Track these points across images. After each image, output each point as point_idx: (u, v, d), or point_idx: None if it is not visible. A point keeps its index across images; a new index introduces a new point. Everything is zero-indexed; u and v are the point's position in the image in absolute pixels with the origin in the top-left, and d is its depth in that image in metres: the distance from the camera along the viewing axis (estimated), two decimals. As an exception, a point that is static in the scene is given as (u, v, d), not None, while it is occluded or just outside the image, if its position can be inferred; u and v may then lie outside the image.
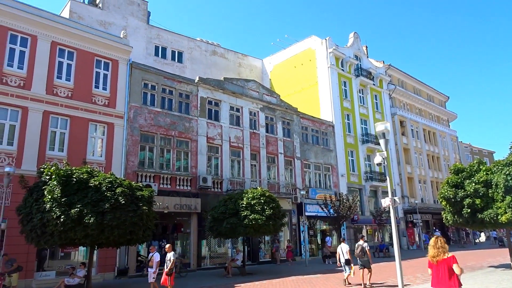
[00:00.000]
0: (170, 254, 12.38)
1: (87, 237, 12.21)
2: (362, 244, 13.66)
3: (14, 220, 13.57)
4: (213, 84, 24.06)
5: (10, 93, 16.00)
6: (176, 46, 30.68)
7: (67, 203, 11.99)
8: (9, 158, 15.50)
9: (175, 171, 20.79)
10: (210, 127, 23.16)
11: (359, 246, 13.67)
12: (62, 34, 17.92)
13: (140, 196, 13.39)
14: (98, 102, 18.61)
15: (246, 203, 17.54)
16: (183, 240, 21.27)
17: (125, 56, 20.05)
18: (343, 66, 35.12)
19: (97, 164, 17.51)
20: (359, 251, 13.47)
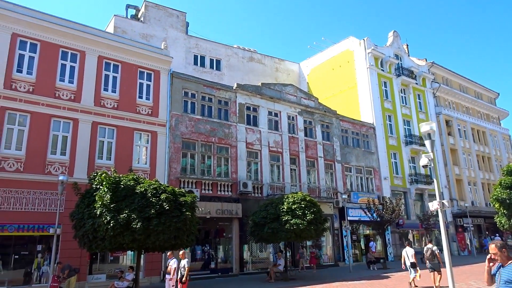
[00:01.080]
0: (184, 261, 12.04)
1: (134, 242, 12.70)
2: (432, 247, 13.59)
3: (68, 225, 14.38)
4: (251, 90, 24.30)
5: (62, 106, 17.07)
6: (214, 54, 31.34)
7: (116, 209, 12.56)
8: (62, 167, 16.49)
9: (216, 177, 21.16)
10: (249, 133, 23.37)
11: (428, 250, 13.59)
12: (108, 48, 18.89)
13: (183, 201, 13.74)
14: (142, 112, 19.39)
15: (287, 208, 17.49)
16: (225, 245, 21.53)
17: (166, 66, 20.76)
18: (383, 66, 34.23)
19: (142, 171, 18.19)
20: (429, 254, 13.39)
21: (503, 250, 4.49)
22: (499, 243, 4.55)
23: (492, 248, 4.54)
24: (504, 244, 4.56)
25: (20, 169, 15.53)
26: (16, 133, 15.89)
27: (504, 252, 4.47)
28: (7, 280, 14.83)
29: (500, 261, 4.49)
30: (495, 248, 4.50)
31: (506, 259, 4.47)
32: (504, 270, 4.42)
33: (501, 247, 4.50)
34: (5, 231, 14.83)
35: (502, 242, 4.64)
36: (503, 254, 4.47)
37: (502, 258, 4.47)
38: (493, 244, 4.57)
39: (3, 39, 16.22)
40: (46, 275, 15.15)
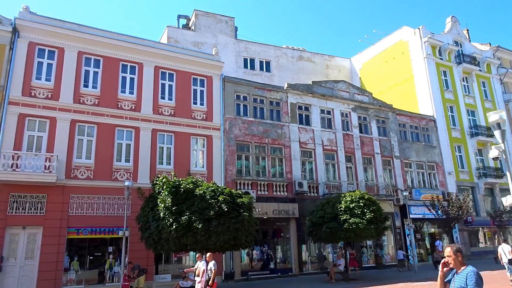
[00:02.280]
0: (211, 264, 11.75)
1: (197, 243, 13.20)
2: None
3: (135, 228, 15.30)
4: (302, 89, 24.14)
5: (124, 116, 18.17)
6: (263, 56, 31.58)
7: (177, 211, 13.15)
8: (127, 173, 17.56)
9: (271, 178, 21.28)
10: (302, 132, 23.22)
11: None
12: (163, 58, 19.80)
13: (240, 203, 14.02)
14: (197, 117, 20.06)
15: (345, 207, 17.13)
16: (283, 245, 21.56)
17: (218, 71, 21.31)
18: (441, 54, 32.29)
19: (200, 175, 18.80)
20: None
21: (457, 254, 4.21)
22: (455, 247, 4.27)
23: (447, 252, 4.27)
24: (459, 248, 4.28)
25: (91, 176, 16.78)
26: (85, 143, 17.20)
27: (458, 256, 4.20)
28: (84, 279, 16.08)
29: (454, 266, 4.23)
30: (450, 251, 4.24)
31: (460, 264, 4.20)
32: (457, 276, 4.15)
33: (456, 251, 4.22)
34: (80, 234, 16.10)
35: (458, 246, 4.31)
36: (457, 259, 4.20)
37: (456, 263, 4.21)
38: (449, 247, 4.29)
39: (71, 57, 17.64)
40: (117, 275, 16.21)
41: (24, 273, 14.85)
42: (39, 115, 16.42)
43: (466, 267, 4.15)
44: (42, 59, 17.19)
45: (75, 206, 16.22)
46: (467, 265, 4.19)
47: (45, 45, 17.30)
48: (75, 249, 16.31)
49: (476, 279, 4.00)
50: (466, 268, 4.14)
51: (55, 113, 16.68)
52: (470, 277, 4.02)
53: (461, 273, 4.16)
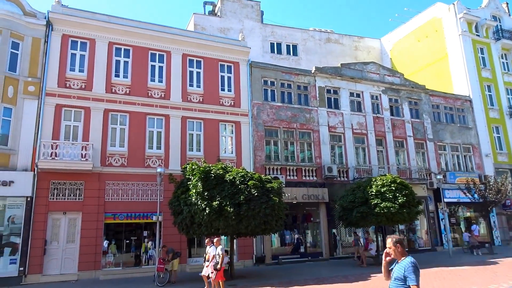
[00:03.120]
0: (219, 248, 11.71)
1: (228, 227, 13.44)
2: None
3: (167, 213, 15.76)
4: (330, 72, 23.69)
5: (155, 104, 18.55)
6: (290, 40, 31.13)
7: (208, 197, 13.42)
8: (159, 160, 18.01)
9: (300, 163, 21.23)
10: (331, 116, 22.90)
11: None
12: (190, 46, 19.93)
13: (270, 188, 14.11)
14: (225, 104, 20.18)
15: (376, 191, 16.88)
16: (313, 229, 21.59)
17: (245, 57, 21.24)
18: (478, 30, 30.65)
19: (229, 160, 19.01)
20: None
21: (397, 245, 4.34)
22: (395, 238, 4.39)
23: (388, 243, 4.40)
24: (399, 239, 4.40)
25: (125, 163, 17.34)
26: (118, 131, 17.73)
27: (398, 247, 4.34)
28: (121, 261, 16.81)
29: (395, 256, 4.37)
30: (391, 242, 4.36)
31: (400, 255, 4.34)
32: (397, 266, 4.31)
33: (396, 242, 4.34)
34: (116, 219, 16.77)
35: (398, 237, 4.45)
36: (397, 249, 4.34)
37: (396, 253, 4.35)
38: (389, 238, 4.42)
39: (102, 48, 18.09)
40: (153, 258, 16.84)
41: (66, 256, 15.70)
42: (74, 105, 17.05)
43: (405, 258, 4.28)
44: (75, 50, 17.73)
45: (111, 193, 16.86)
46: (407, 255, 4.33)
47: (77, 37, 17.81)
48: (112, 233, 17.03)
49: (414, 270, 4.14)
50: (405, 258, 4.27)
51: (89, 103, 17.26)
52: (408, 267, 4.16)
53: (400, 263, 4.30)
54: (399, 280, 4.22)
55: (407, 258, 4.28)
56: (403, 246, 4.40)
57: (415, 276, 4.11)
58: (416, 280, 4.11)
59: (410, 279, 4.11)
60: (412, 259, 4.25)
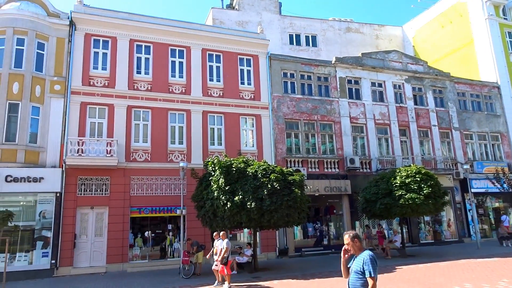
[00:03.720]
0: (224, 242, 11.92)
1: (251, 221, 13.53)
2: None
3: (191, 206, 16.00)
4: (351, 62, 23.32)
5: (176, 99, 18.77)
6: (309, 30, 30.76)
7: (230, 191, 13.52)
8: (181, 154, 18.25)
9: (321, 155, 21.08)
10: (352, 107, 22.58)
11: None
12: (209, 40, 20.01)
13: (292, 181, 14.08)
14: (245, 97, 20.21)
15: (400, 182, 16.60)
16: (336, 222, 21.47)
17: (264, 50, 21.16)
18: (506, 14, 29.41)
19: (250, 154, 19.07)
20: None
21: (355, 240, 4.37)
22: (352, 233, 4.42)
23: (345, 239, 4.42)
24: (356, 234, 4.44)
25: (148, 159, 17.67)
26: (141, 127, 18.06)
27: (356, 242, 4.36)
28: (147, 254, 17.23)
29: (353, 251, 4.39)
30: (348, 238, 4.39)
31: (358, 249, 4.36)
32: (356, 260, 4.34)
33: (354, 237, 4.38)
34: (142, 213, 17.16)
35: (355, 232, 4.49)
36: (355, 244, 4.36)
37: (355, 248, 4.37)
38: (346, 234, 4.45)
39: (124, 46, 18.39)
40: (177, 251, 17.17)
41: (95, 249, 16.21)
42: (99, 102, 17.44)
43: (363, 252, 4.31)
44: (98, 49, 18.10)
45: (136, 187, 17.24)
46: (364, 249, 4.37)
47: (100, 35, 18.15)
48: (137, 227, 17.45)
49: (372, 263, 4.17)
50: (363, 252, 4.30)
51: (112, 100, 17.63)
52: (366, 261, 4.19)
53: (359, 257, 4.33)
54: (358, 273, 4.26)
55: (365, 252, 4.32)
56: (360, 241, 4.45)
57: (372, 269, 4.15)
58: (374, 273, 4.14)
59: (368, 272, 4.15)
60: (370, 253, 4.29)
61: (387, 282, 11.35)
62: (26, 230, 15.49)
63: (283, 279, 12.56)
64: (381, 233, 19.58)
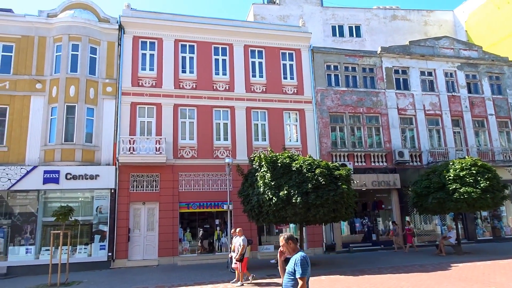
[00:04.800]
0: (240, 239, 11.74)
1: (296, 216, 13.48)
2: None
3: (237, 202, 16.23)
4: (398, 51, 22.40)
5: (220, 96, 19.07)
6: (352, 21, 29.90)
7: (276, 186, 13.55)
8: (226, 151, 18.55)
9: (368, 148, 20.52)
10: (400, 98, 21.72)
11: None
12: (251, 36, 20.09)
13: (338, 175, 13.84)
14: (288, 92, 20.10)
15: (454, 175, 15.77)
16: (385, 217, 20.83)
17: (306, 43, 20.89)
18: None
19: (295, 149, 18.97)
20: None
21: (289, 242, 4.40)
22: (287, 235, 4.46)
23: (280, 241, 4.45)
24: (291, 236, 4.47)
25: (195, 155, 18.13)
26: (188, 125, 18.56)
27: (290, 244, 4.40)
28: (196, 248, 17.73)
29: (287, 253, 4.44)
30: (282, 240, 4.43)
31: (292, 251, 4.40)
32: (289, 262, 4.36)
33: (288, 239, 4.41)
34: (190, 208, 17.68)
35: (289, 234, 4.51)
36: (289, 246, 4.40)
37: (289, 250, 4.41)
38: (281, 236, 4.48)
39: (169, 46, 18.96)
40: (225, 245, 17.52)
41: (147, 243, 16.95)
42: (147, 102, 18.15)
43: (297, 253, 4.36)
44: (145, 50, 18.80)
45: (184, 183, 17.78)
46: (298, 251, 4.41)
47: (146, 37, 18.85)
48: (186, 221, 18.00)
49: (302, 264, 4.20)
50: (296, 253, 4.35)
51: (160, 99, 18.26)
52: (297, 261, 4.24)
53: (291, 258, 4.37)
54: (290, 274, 4.30)
55: (298, 253, 4.36)
56: (294, 242, 4.46)
57: (302, 269, 4.17)
58: (303, 273, 4.16)
59: (297, 272, 4.18)
60: (303, 254, 4.33)
61: (442, 280, 10.86)
62: (85, 224, 16.53)
63: (331, 275, 12.41)
64: (410, 230, 18.78)
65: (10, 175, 15.80)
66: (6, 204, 16.11)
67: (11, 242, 15.67)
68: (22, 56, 17.22)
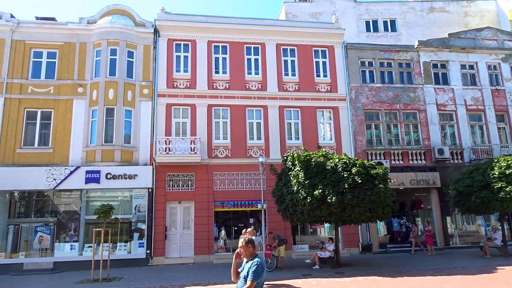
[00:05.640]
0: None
1: (331, 215, 13.30)
2: None
3: (271, 201, 16.23)
4: (436, 44, 21.54)
5: (252, 96, 19.14)
6: (387, 15, 29.05)
7: (310, 185, 13.42)
8: (260, 150, 18.59)
9: (405, 146, 19.88)
10: (439, 93, 20.88)
11: None
12: (283, 35, 20.02)
13: (374, 174, 13.50)
14: (321, 90, 19.85)
15: (499, 173, 14.99)
16: (424, 217, 20.10)
17: (339, 39, 20.54)
18: None
19: (329, 147, 18.70)
20: None
21: (248, 245, 4.34)
22: (247, 239, 4.39)
23: (239, 243, 4.39)
24: (251, 239, 4.40)
25: (229, 155, 18.31)
26: (221, 125, 18.77)
27: (249, 247, 4.34)
28: (232, 247, 17.89)
29: (245, 256, 4.36)
30: (242, 242, 4.36)
31: (249, 255, 4.33)
32: (245, 266, 4.31)
33: (248, 242, 4.35)
34: (224, 207, 17.87)
35: (250, 237, 4.45)
36: (248, 249, 4.33)
37: (246, 253, 4.34)
38: (242, 238, 4.43)
39: (202, 48, 19.26)
40: (259, 244, 17.55)
41: (183, 241, 17.32)
42: (182, 103, 18.52)
43: (254, 258, 4.30)
44: (179, 53, 19.20)
45: (218, 182, 18.00)
46: (256, 255, 4.33)
47: (180, 39, 19.24)
48: (221, 220, 18.21)
49: (257, 269, 4.15)
50: (253, 258, 4.29)
51: (194, 100, 18.59)
52: (252, 267, 4.18)
53: (248, 262, 4.31)
54: (245, 279, 4.23)
55: (255, 258, 4.31)
56: (254, 246, 4.40)
57: (254, 274, 4.12)
58: (255, 278, 4.11)
59: (250, 276, 4.13)
60: (259, 260, 4.28)
61: (487, 283, 10.35)
62: (124, 222, 17.13)
63: (368, 276, 12.15)
64: (430, 232, 17.84)
65: (55, 175, 16.64)
66: (52, 202, 17.01)
67: (56, 239, 16.52)
68: (65, 62, 18.08)
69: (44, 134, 17.47)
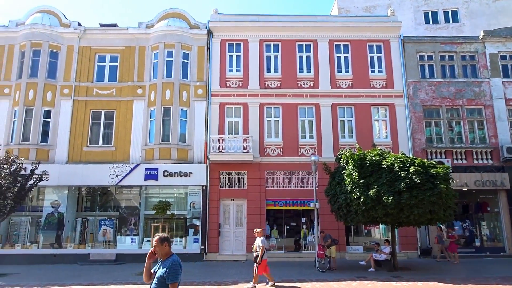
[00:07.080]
0: (259, 240, 11.05)
1: (387, 216, 12.80)
2: None
3: (324, 200, 15.98)
4: (505, 34, 19.87)
5: (304, 94, 18.95)
6: (447, 5, 27.31)
7: (364, 184, 13.01)
8: (312, 148, 18.37)
9: (469, 144, 18.59)
10: (508, 87, 19.26)
11: None
12: (335, 31, 19.59)
13: (435, 174, 12.78)
14: (376, 86, 19.16)
15: None
16: (491, 220, 18.67)
17: (395, 33, 19.68)
18: None
19: (384, 146, 17.99)
20: None
21: (164, 244, 4.13)
22: (163, 236, 4.18)
23: (154, 241, 4.15)
24: (167, 237, 4.20)
25: (280, 153, 18.29)
26: (273, 123, 18.80)
27: (165, 246, 4.13)
28: (283, 246, 17.88)
29: (159, 255, 4.14)
30: (157, 240, 4.12)
31: (165, 254, 4.14)
32: (161, 266, 4.10)
33: (163, 240, 4.13)
34: (276, 205, 17.89)
35: (166, 235, 4.22)
36: (163, 248, 4.12)
37: (161, 253, 4.13)
38: (157, 236, 4.18)
39: (254, 47, 19.40)
40: (311, 244, 17.39)
41: (236, 238, 17.59)
42: (234, 102, 18.82)
43: (170, 257, 4.12)
44: (232, 53, 19.52)
45: (270, 181, 18.05)
46: (172, 254, 4.15)
47: (233, 40, 19.55)
48: (273, 219, 18.25)
49: (175, 270, 4.00)
50: (170, 257, 4.11)
51: (246, 99, 18.79)
52: (169, 266, 4.01)
53: (164, 262, 4.10)
54: (160, 279, 4.02)
55: (171, 257, 4.12)
56: (170, 245, 4.20)
57: (173, 275, 3.97)
58: (175, 279, 3.98)
59: (168, 278, 3.96)
60: (176, 259, 4.12)
61: None
62: (180, 218, 17.78)
63: (429, 281, 11.53)
64: (454, 238, 16.29)
65: (118, 172, 17.67)
66: (114, 198, 18.10)
67: (118, 232, 17.56)
68: (126, 65, 19.13)
69: (107, 133, 18.63)
